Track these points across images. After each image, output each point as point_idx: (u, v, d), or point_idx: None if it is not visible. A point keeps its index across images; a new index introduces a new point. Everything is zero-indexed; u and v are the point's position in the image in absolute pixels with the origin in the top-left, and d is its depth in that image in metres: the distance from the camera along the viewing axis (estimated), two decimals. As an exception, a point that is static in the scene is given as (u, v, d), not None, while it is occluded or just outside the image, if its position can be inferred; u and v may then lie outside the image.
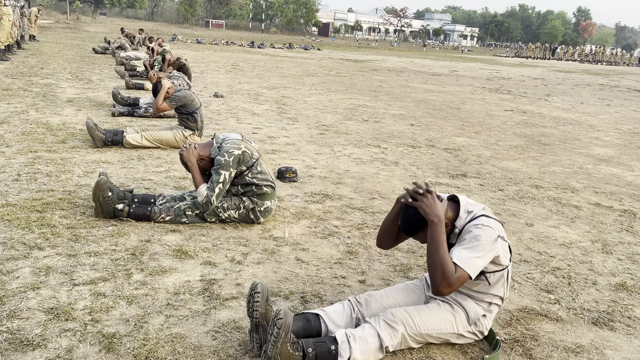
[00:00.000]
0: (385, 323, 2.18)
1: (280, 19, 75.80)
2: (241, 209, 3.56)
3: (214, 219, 3.54)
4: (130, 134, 5.33)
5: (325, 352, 2.09)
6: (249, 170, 3.48)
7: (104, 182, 3.41)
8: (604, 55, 54.11)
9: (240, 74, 14.09)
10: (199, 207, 3.50)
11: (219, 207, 3.52)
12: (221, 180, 3.39)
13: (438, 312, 2.28)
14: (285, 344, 2.03)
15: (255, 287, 2.21)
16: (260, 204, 3.57)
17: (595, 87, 18.63)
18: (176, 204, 3.54)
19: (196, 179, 3.49)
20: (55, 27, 32.12)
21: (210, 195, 3.40)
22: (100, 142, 5.22)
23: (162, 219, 3.48)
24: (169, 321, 2.39)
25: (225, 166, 3.39)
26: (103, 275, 2.75)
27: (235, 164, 3.41)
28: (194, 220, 3.52)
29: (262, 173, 3.53)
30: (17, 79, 9.40)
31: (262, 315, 2.19)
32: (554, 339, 2.49)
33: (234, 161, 3.40)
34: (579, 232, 3.97)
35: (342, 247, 3.36)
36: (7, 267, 2.74)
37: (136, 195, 3.63)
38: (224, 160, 3.38)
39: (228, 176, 3.41)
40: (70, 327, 2.28)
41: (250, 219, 3.59)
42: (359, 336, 2.13)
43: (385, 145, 6.54)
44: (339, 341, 2.11)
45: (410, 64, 25.98)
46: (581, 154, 6.85)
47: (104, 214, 3.46)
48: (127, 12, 77.85)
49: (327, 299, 2.70)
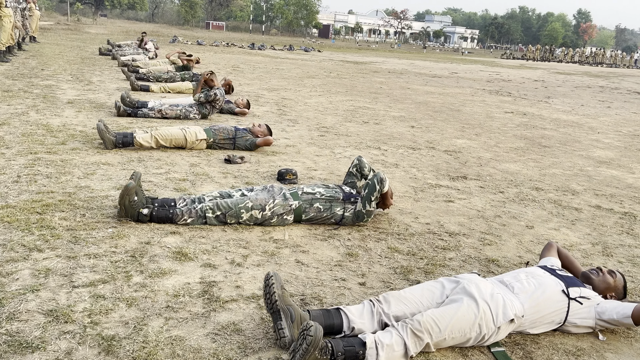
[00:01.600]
0: (412, 332, 2.20)
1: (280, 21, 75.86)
2: (266, 210, 3.56)
3: (234, 221, 3.54)
4: (140, 135, 5.33)
5: (353, 357, 2.12)
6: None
7: (132, 187, 3.39)
8: (604, 57, 54.17)
9: (240, 75, 14.09)
10: (221, 209, 3.51)
11: (242, 208, 3.52)
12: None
13: (464, 313, 2.28)
14: (314, 354, 2.05)
15: (269, 274, 2.34)
16: (289, 212, 3.59)
17: (595, 89, 18.63)
18: (198, 206, 3.54)
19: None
20: (55, 29, 32.14)
21: (368, 207, 3.66)
22: (110, 144, 5.21)
23: (184, 220, 3.48)
24: (168, 323, 2.39)
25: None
26: (102, 277, 2.75)
27: None
28: (213, 223, 3.52)
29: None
30: (18, 81, 9.40)
31: (281, 297, 2.27)
32: (554, 342, 2.48)
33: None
34: (580, 235, 3.96)
35: (342, 250, 3.36)
36: (7, 269, 2.74)
37: (156, 200, 3.63)
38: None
39: None
40: (69, 330, 2.27)
41: (270, 223, 3.59)
42: (387, 344, 2.16)
43: (385, 147, 6.54)
44: (367, 346, 2.14)
45: (411, 65, 26.00)
46: (581, 156, 6.85)
47: (127, 217, 3.47)
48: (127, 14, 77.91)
49: (327, 301, 2.70)
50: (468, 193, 4.82)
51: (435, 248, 3.49)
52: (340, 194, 3.71)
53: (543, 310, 2.43)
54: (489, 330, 2.30)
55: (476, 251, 3.50)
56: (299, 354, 2.04)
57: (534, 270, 2.64)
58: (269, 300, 2.26)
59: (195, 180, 4.53)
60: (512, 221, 4.14)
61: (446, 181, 5.17)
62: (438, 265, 3.22)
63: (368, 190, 3.60)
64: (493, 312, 2.31)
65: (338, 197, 3.69)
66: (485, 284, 2.42)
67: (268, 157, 5.56)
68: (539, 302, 2.43)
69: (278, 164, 5.26)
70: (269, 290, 2.26)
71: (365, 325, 2.31)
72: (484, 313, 2.29)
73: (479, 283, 2.42)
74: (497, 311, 2.32)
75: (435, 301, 2.42)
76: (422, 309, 2.38)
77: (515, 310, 2.36)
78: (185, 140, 5.46)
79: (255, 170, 5.00)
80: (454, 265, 3.25)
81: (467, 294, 2.35)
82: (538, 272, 2.61)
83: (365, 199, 3.60)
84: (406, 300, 2.39)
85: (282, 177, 4.73)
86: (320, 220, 3.67)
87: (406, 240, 3.57)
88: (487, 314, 2.30)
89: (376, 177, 3.58)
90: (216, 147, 5.62)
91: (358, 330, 2.30)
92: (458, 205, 4.45)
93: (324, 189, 3.72)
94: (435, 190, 4.82)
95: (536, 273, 2.59)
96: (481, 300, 2.31)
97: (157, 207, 3.52)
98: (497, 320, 2.31)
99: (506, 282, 2.53)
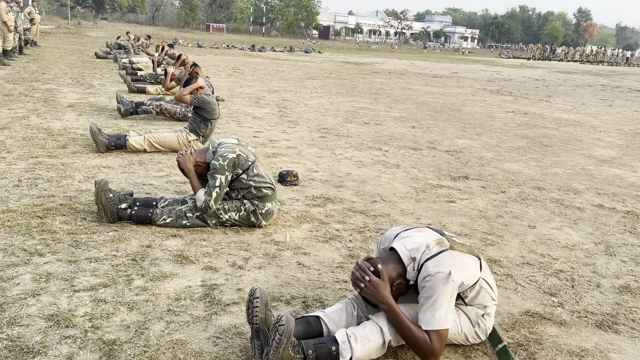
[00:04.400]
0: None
1: (280, 23, 75.91)
2: (242, 211, 3.54)
3: (215, 221, 3.53)
4: (133, 137, 5.33)
5: (325, 353, 2.07)
6: (245, 173, 3.47)
7: (105, 183, 3.41)
8: (604, 55, 54.11)
9: (241, 77, 14.09)
10: (200, 210, 3.49)
11: (220, 209, 3.50)
12: (217, 184, 3.39)
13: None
14: (287, 349, 2.02)
15: (254, 293, 2.19)
16: (262, 206, 3.56)
17: (596, 88, 18.60)
18: (178, 207, 3.53)
19: (194, 185, 3.50)
20: (56, 33, 32.20)
21: (208, 200, 3.40)
22: (103, 147, 5.22)
23: (163, 220, 3.47)
24: (169, 327, 2.38)
25: (220, 170, 3.39)
26: (104, 281, 2.74)
27: (230, 167, 3.41)
28: (195, 223, 3.51)
29: (259, 176, 3.52)
30: (19, 85, 9.41)
31: (262, 320, 2.17)
32: (558, 343, 2.47)
33: (229, 165, 3.40)
34: (582, 234, 3.94)
35: (343, 251, 3.35)
36: (8, 274, 2.73)
37: (138, 199, 3.62)
38: (219, 164, 3.38)
39: (224, 180, 3.41)
40: (70, 334, 2.27)
41: (251, 221, 3.57)
42: (360, 335, 2.11)
43: (386, 147, 6.52)
44: (339, 341, 2.09)
45: (411, 66, 25.99)
46: (583, 155, 6.83)
47: (107, 217, 3.45)
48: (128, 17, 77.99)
49: (329, 303, 2.69)
50: (470, 193, 4.80)
51: (437, 249, 3.47)
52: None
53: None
54: (469, 329, 2.29)
55: (478, 251, 3.47)
56: (273, 347, 2.01)
57: None
58: (250, 320, 2.20)
59: (196, 182, 4.52)
60: (514, 221, 4.12)
61: (448, 181, 5.15)
62: (440, 266, 3.20)
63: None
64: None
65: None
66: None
67: (269, 158, 5.55)
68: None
69: (279, 166, 5.25)
70: (251, 309, 2.18)
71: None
72: (461, 315, 2.30)
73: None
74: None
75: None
76: None
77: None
78: (179, 143, 5.46)
79: (256, 172, 4.98)
80: (456, 266, 3.24)
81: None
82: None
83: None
84: None
85: (283, 179, 4.72)
86: None
87: (408, 241, 3.56)
88: (463, 316, 2.31)
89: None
90: (208, 136, 5.62)
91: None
92: (460, 205, 4.43)
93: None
94: (437, 191, 4.80)
95: None
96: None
97: (137, 207, 3.51)
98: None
99: None
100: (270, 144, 6.29)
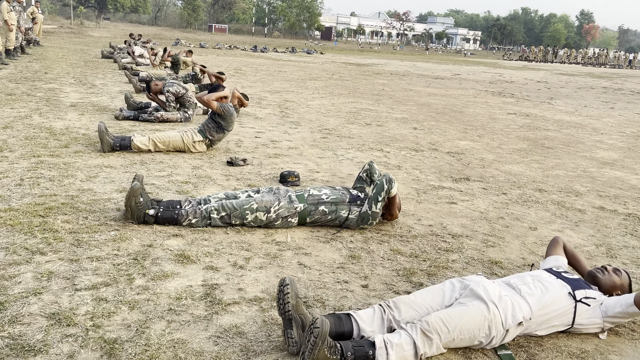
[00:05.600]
0: (421, 332, 2.20)
1: (283, 23, 75.95)
2: (271, 212, 3.55)
3: (239, 222, 3.54)
4: (138, 138, 5.33)
5: (363, 356, 2.12)
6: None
7: (138, 189, 3.42)
8: (607, 58, 54.05)
9: (243, 78, 14.11)
10: (226, 210, 3.51)
11: (247, 209, 3.51)
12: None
13: (473, 315, 2.27)
14: (323, 350, 2.06)
15: (284, 282, 2.29)
16: (294, 214, 3.59)
17: (598, 90, 18.59)
18: (203, 207, 3.54)
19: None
20: (59, 32, 32.27)
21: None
22: (108, 147, 5.22)
23: (189, 221, 3.48)
24: (170, 326, 2.38)
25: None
26: (105, 280, 2.75)
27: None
28: (217, 224, 3.52)
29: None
30: (21, 84, 9.44)
31: (294, 307, 2.24)
32: (559, 344, 2.47)
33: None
34: (583, 236, 3.94)
35: (344, 252, 3.35)
36: (9, 272, 2.74)
37: (161, 202, 3.63)
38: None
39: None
40: (71, 333, 2.27)
41: (274, 225, 3.58)
42: (396, 343, 2.16)
43: (388, 149, 6.53)
44: (377, 346, 2.14)
45: (413, 67, 25.99)
46: (585, 158, 6.82)
47: (134, 219, 3.47)
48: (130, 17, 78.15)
49: (330, 303, 2.69)
50: (471, 195, 4.80)
51: (438, 250, 3.48)
52: (347, 196, 3.70)
53: (550, 312, 2.42)
54: (497, 332, 2.29)
55: (479, 253, 3.48)
56: (308, 349, 2.05)
57: (539, 273, 2.63)
58: (281, 308, 2.26)
59: (198, 182, 4.53)
60: (515, 223, 4.12)
61: (449, 183, 5.15)
62: (441, 267, 3.20)
63: (375, 190, 3.58)
64: (502, 315, 2.30)
65: (344, 200, 3.67)
66: (492, 286, 2.42)
67: (270, 159, 5.56)
68: (546, 304, 2.42)
69: (280, 166, 5.25)
70: (283, 298, 2.25)
71: (375, 333, 2.30)
72: (494, 315, 2.29)
73: (486, 285, 2.41)
74: (506, 313, 2.32)
75: (445, 304, 2.41)
76: (432, 312, 2.37)
77: (524, 312, 2.36)
78: (183, 143, 5.46)
79: (257, 173, 5.00)
80: (456, 267, 3.24)
81: (475, 296, 2.35)
82: (544, 275, 2.60)
83: (372, 199, 3.58)
84: (416, 305, 2.38)
85: (285, 179, 4.73)
86: (325, 222, 3.67)
87: (409, 242, 3.56)
88: (497, 316, 2.29)
89: (385, 177, 3.56)
90: (215, 143, 5.62)
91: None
92: (461, 207, 4.43)
93: (330, 190, 3.71)
94: (438, 192, 4.81)
95: (542, 276, 2.58)
96: (490, 302, 2.31)
97: (162, 209, 3.52)
98: (506, 323, 2.30)
99: (513, 284, 2.52)
100: (272, 144, 6.30)
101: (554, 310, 2.44)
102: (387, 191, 3.55)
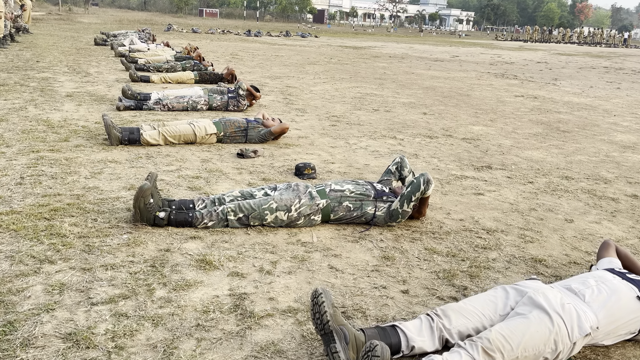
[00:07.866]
0: (483, 351, 1.94)
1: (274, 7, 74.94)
2: (292, 211, 3.30)
3: (257, 223, 3.28)
4: (148, 132, 5.04)
5: None
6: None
7: (147, 189, 3.13)
8: (602, 37, 53.78)
9: (240, 63, 13.74)
10: (243, 211, 3.25)
11: (266, 209, 3.26)
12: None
13: (537, 328, 2.03)
14: None
15: (317, 292, 2.05)
16: (317, 212, 3.34)
17: (600, 70, 18.34)
18: (219, 208, 3.28)
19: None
20: (47, 19, 31.53)
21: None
22: (116, 141, 4.93)
23: (204, 224, 3.22)
24: (201, 346, 2.14)
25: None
26: (123, 292, 2.50)
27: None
28: (235, 226, 3.26)
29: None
30: (13, 74, 9.07)
31: (333, 318, 2.01)
32: (627, 355, 2.25)
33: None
34: (623, 228, 3.72)
35: (376, 252, 3.11)
36: (17, 285, 2.48)
37: (173, 202, 3.36)
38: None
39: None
40: (92, 356, 2.03)
41: (297, 224, 3.33)
42: None
43: (401, 136, 6.27)
44: None
45: (410, 49, 25.61)
46: (604, 141, 6.60)
47: (143, 222, 3.20)
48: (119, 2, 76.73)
49: (370, 313, 2.46)
50: (496, 184, 4.57)
51: (475, 248, 3.25)
52: (372, 191, 3.45)
53: (618, 320, 2.19)
54: (564, 346, 2.05)
55: (519, 250, 3.25)
56: None
57: (602, 274, 2.39)
58: (319, 321, 2.01)
59: (210, 177, 4.27)
60: (548, 214, 3.89)
61: (471, 172, 4.91)
62: (482, 268, 2.97)
63: (411, 189, 3.33)
64: (568, 326, 2.06)
65: (369, 195, 3.43)
66: (553, 293, 2.18)
67: (281, 149, 5.29)
68: (614, 311, 2.19)
69: (293, 157, 4.99)
70: (318, 309, 2.00)
71: (425, 343, 2.07)
72: (559, 328, 2.04)
73: (546, 292, 2.17)
74: (572, 325, 2.08)
75: (499, 313, 2.18)
76: (485, 322, 2.14)
77: (590, 322, 2.12)
78: (195, 135, 5.18)
79: (270, 165, 4.73)
80: (498, 267, 3.01)
81: (535, 305, 2.11)
82: (607, 276, 2.36)
83: (405, 198, 3.33)
84: (467, 313, 2.15)
85: (300, 172, 4.47)
86: (350, 219, 3.42)
87: (443, 240, 3.33)
88: (562, 328, 2.05)
89: (423, 176, 3.30)
90: (227, 141, 5.33)
91: (418, 349, 2.07)
92: (489, 198, 4.20)
93: (353, 186, 3.46)
94: (462, 182, 4.57)
95: (606, 278, 2.35)
96: (554, 313, 2.06)
97: (175, 210, 3.26)
98: (572, 335, 2.06)
99: (575, 289, 2.28)
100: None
101: (623, 317, 2.21)
102: (423, 192, 3.31)
